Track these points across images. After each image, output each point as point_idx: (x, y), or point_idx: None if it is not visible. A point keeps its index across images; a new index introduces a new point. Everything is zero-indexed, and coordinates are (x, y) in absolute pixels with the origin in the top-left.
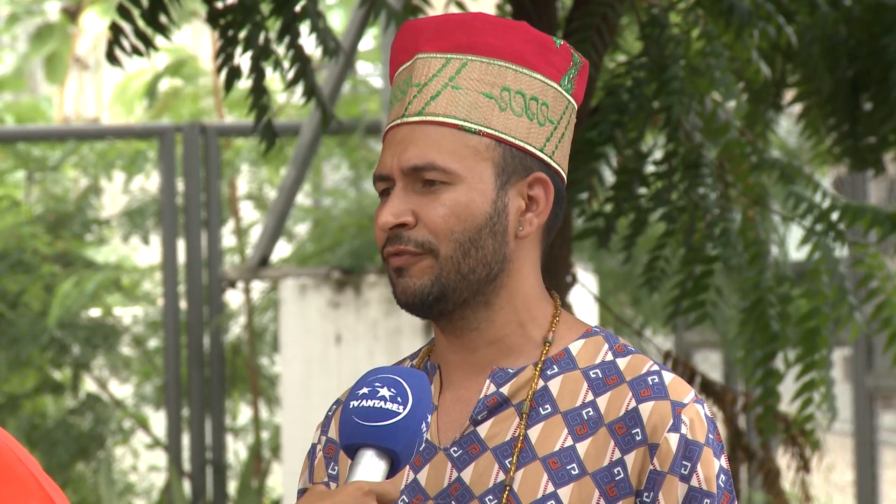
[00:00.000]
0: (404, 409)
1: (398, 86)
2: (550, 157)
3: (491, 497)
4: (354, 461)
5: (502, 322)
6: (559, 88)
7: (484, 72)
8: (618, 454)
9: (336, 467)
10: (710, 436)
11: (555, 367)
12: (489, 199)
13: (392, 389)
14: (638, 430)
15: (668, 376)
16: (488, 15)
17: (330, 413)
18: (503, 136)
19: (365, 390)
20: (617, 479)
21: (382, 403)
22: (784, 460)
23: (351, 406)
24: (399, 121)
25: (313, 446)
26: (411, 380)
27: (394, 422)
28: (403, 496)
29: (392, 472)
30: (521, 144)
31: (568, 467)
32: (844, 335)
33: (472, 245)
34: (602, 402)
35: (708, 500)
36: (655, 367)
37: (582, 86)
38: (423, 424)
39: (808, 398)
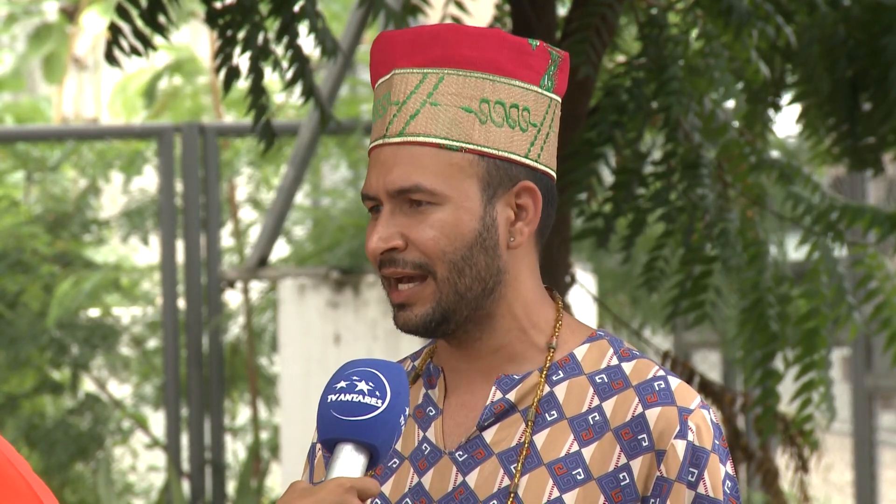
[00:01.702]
0: (383, 402)
1: (379, 100)
2: (536, 161)
3: (496, 502)
4: (333, 456)
5: (504, 330)
6: (539, 90)
7: (461, 85)
8: (623, 459)
9: None
10: (717, 442)
11: (560, 372)
12: (477, 216)
13: (370, 383)
14: (644, 435)
15: (675, 382)
16: (461, 25)
17: None
18: (485, 149)
19: (342, 384)
20: (622, 484)
21: (361, 397)
22: (783, 460)
23: (329, 400)
24: (381, 141)
25: (313, 446)
26: (389, 373)
27: (373, 416)
28: (407, 499)
29: (371, 465)
30: (505, 155)
31: (573, 472)
32: (843, 335)
33: (465, 263)
34: (608, 406)
35: None
36: (661, 373)
37: (564, 78)
38: (402, 417)
39: (808, 398)
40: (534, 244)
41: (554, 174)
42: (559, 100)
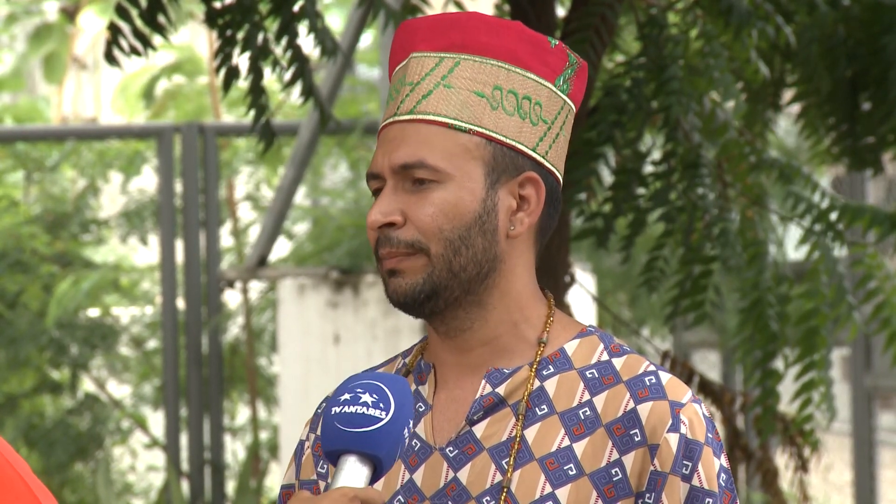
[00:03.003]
0: (387, 414)
1: (394, 84)
2: (543, 157)
3: (488, 498)
4: (338, 467)
5: (495, 322)
6: (553, 88)
7: (476, 70)
8: (616, 455)
9: (325, 465)
10: (710, 435)
11: (550, 367)
12: (478, 198)
13: (374, 395)
14: (637, 430)
15: (665, 376)
16: (482, 14)
17: (319, 411)
18: (494, 134)
19: (346, 396)
20: (615, 479)
21: (365, 409)
22: (782, 460)
23: (333, 412)
24: (391, 119)
25: (301, 443)
26: (393, 385)
27: (377, 427)
28: (399, 496)
29: (375, 477)
30: (513, 143)
31: (565, 467)
32: (843, 335)
33: (462, 243)
34: (599, 401)
35: (710, 500)
36: (652, 367)
37: (581, 87)
38: (406, 430)
39: (808, 398)
40: (533, 241)
41: (560, 176)
42: (573, 106)
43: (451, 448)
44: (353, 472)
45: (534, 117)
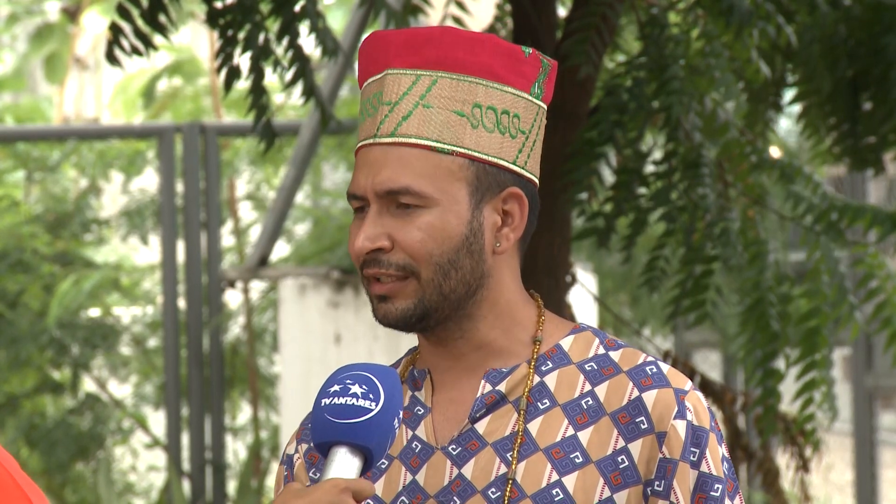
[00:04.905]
0: (376, 405)
1: (368, 99)
2: (523, 168)
3: (494, 489)
4: (328, 459)
5: (487, 328)
6: (529, 98)
7: (454, 89)
8: (622, 443)
9: (318, 473)
10: (713, 422)
11: (549, 363)
12: (464, 220)
13: (363, 386)
14: (643, 418)
15: (665, 366)
16: (457, 29)
17: (307, 423)
18: (476, 154)
19: (336, 388)
20: (621, 467)
21: (354, 400)
22: (784, 460)
23: (322, 404)
24: (371, 141)
25: (289, 457)
26: (382, 376)
27: (367, 418)
28: (403, 497)
29: (366, 468)
30: (494, 160)
31: (571, 456)
32: (844, 335)
33: (451, 266)
34: (601, 391)
35: (718, 485)
36: (651, 358)
37: (551, 87)
38: (396, 420)
39: (809, 398)
40: (517, 249)
41: (537, 181)
42: (545, 107)
43: (454, 446)
44: (343, 464)
45: (513, 130)
